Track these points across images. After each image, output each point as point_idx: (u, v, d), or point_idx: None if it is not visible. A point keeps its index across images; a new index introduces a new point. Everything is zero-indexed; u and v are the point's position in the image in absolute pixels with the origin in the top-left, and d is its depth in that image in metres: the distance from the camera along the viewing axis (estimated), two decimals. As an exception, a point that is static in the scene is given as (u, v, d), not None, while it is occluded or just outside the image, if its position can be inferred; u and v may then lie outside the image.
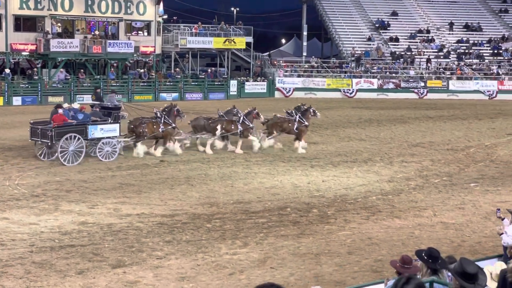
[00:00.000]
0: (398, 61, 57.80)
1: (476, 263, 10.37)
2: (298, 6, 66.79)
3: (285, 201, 19.16)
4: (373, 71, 55.34)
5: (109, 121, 25.14)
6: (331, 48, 68.72)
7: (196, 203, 18.73)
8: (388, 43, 61.36)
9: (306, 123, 27.55)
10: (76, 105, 25.98)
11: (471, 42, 62.21)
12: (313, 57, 60.24)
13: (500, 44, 61.89)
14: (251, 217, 17.34)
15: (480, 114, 42.00)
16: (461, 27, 64.90)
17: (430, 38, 62.29)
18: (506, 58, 59.49)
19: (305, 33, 62.07)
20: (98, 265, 13.35)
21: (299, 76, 54.85)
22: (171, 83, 50.45)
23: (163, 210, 17.85)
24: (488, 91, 54.08)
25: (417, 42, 61.51)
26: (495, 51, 60.46)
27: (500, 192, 20.90)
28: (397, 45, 61.26)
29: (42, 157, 24.27)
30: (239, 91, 51.94)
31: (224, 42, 54.00)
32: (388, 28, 63.55)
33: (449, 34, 63.99)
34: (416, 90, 53.68)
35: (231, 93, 51.64)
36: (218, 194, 19.85)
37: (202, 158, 25.53)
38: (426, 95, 53.45)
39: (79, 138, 23.67)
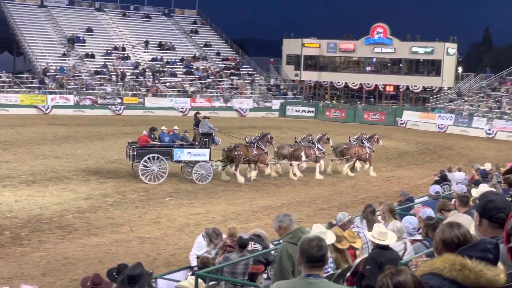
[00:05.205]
0: (94, 77, 57.59)
1: (170, 275, 10.72)
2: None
3: (-26, 225, 17.91)
4: (69, 87, 54.37)
5: (197, 145, 25.79)
6: (24, 63, 66.06)
7: None
8: (84, 59, 60.85)
9: (373, 148, 29.85)
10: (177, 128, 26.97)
11: (165, 60, 64.42)
12: (3, 71, 57.25)
13: (191, 63, 65.08)
14: None
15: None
16: (156, 45, 66.94)
17: (126, 55, 63.13)
18: (197, 76, 62.66)
19: (-5, 46, 58.97)
20: None
21: (-11, 91, 51.73)
22: None
23: None
24: (181, 108, 56.41)
25: (113, 59, 61.91)
26: (188, 70, 63.39)
27: (194, 204, 21.91)
28: (93, 61, 61.02)
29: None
30: None
31: None
32: (83, 44, 63.03)
33: (144, 52, 65.55)
34: (112, 107, 53.90)
35: None
36: None
37: None
38: (122, 111, 53.96)
39: (162, 159, 24.77)
